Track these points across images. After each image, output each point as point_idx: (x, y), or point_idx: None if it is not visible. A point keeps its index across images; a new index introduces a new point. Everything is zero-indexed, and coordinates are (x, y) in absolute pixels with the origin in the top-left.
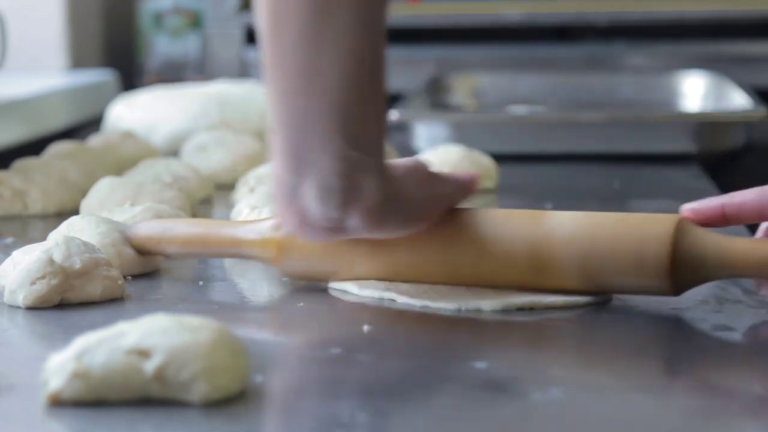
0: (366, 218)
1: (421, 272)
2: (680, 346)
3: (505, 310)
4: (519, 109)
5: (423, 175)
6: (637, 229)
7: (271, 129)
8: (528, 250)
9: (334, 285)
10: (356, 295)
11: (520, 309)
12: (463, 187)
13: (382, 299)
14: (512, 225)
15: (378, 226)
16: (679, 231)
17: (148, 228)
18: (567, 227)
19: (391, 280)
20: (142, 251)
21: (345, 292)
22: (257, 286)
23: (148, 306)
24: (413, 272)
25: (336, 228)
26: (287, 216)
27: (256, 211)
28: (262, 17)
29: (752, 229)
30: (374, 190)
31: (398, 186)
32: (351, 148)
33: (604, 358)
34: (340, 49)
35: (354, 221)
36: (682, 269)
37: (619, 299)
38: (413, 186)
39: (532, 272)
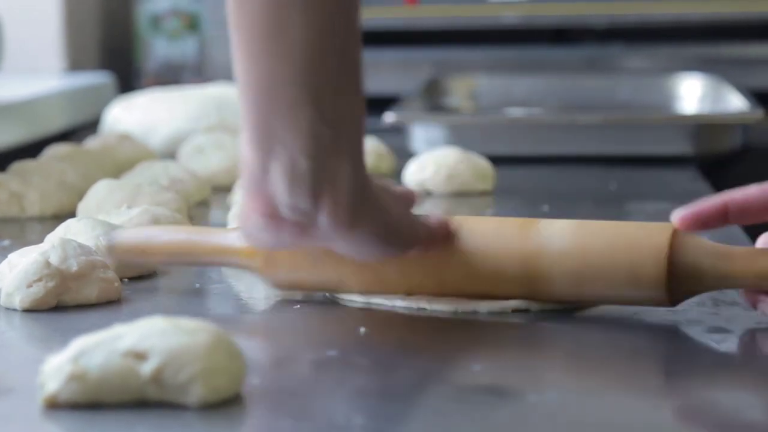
0: (337, 214)
1: (411, 286)
2: (676, 349)
3: (501, 312)
4: (516, 111)
5: (399, 196)
6: (631, 241)
7: (239, 101)
8: (520, 264)
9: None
10: (357, 300)
11: (516, 311)
12: (435, 231)
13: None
14: (503, 237)
15: (349, 228)
16: (675, 242)
17: (132, 237)
18: (558, 239)
19: (380, 293)
20: (123, 261)
21: (344, 297)
22: (254, 288)
23: (144, 308)
24: (403, 286)
25: (304, 226)
26: (254, 206)
27: None
28: None
29: (750, 234)
30: (347, 179)
31: (375, 190)
32: (323, 124)
33: (600, 361)
34: (308, 10)
35: (324, 217)
36: (679, 281)
37: (614, 304)
38: (390, 200)
39: (525, 286)
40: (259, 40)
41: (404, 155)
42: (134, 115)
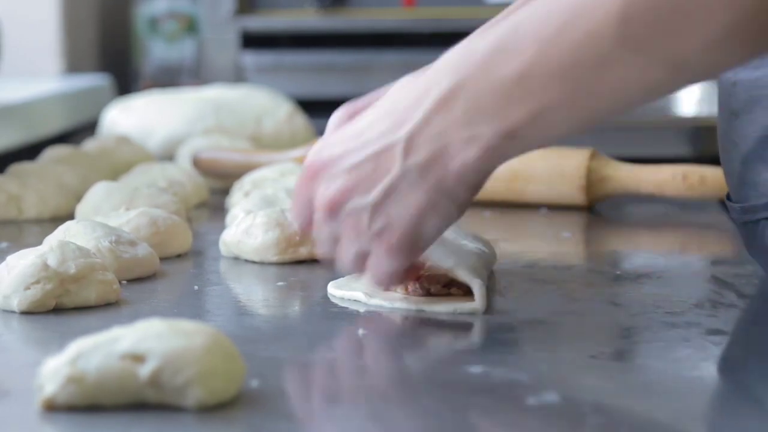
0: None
1: None
2: (675, 350)
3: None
4: None
5: None
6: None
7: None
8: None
9: (334, 293)
10: (356, 301)
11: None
12: None
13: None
14: None
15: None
16: (592, 157)
17: (210, 154)
18: None
19: None
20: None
21: (343, 299)
22: (252, 290)
23: (143, 311)
24: None
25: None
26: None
27: (251, 216)
28: None
29: None
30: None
31: None
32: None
33: (599, 362)
34: None
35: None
36: (593, 183)
37: (612, 305)
38: None
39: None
40: None
41: None
42: (132, 117)
